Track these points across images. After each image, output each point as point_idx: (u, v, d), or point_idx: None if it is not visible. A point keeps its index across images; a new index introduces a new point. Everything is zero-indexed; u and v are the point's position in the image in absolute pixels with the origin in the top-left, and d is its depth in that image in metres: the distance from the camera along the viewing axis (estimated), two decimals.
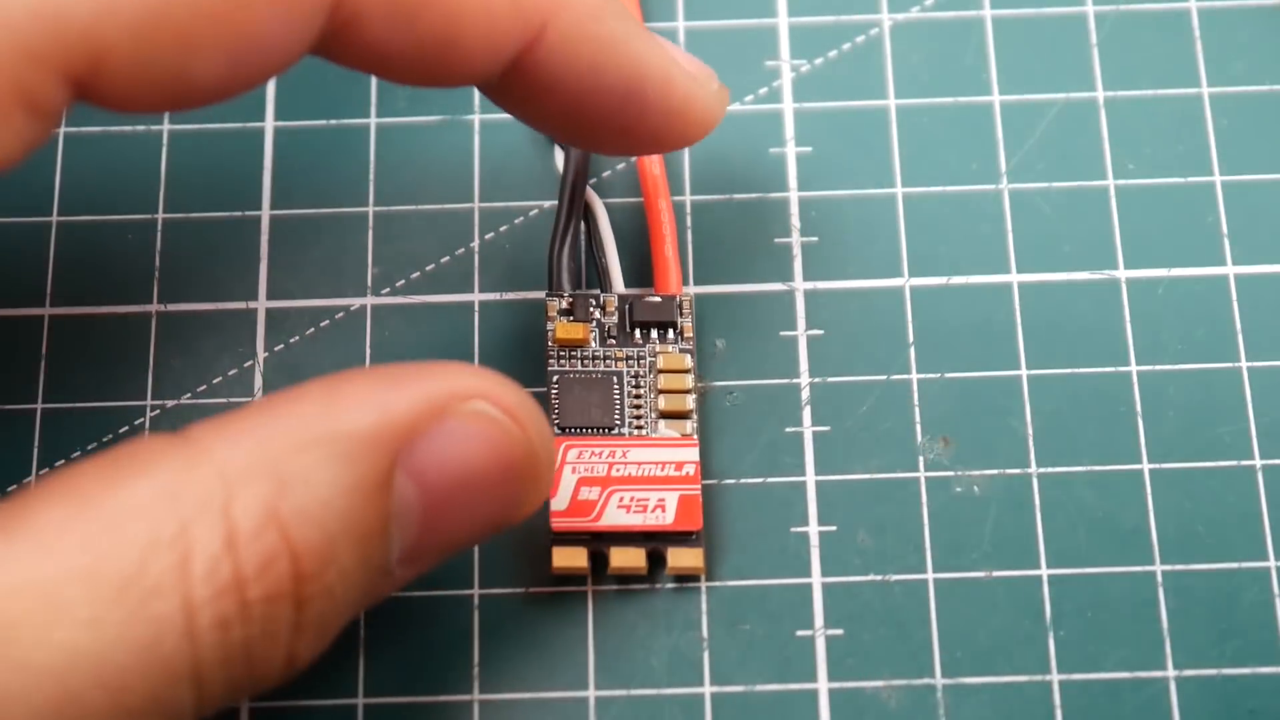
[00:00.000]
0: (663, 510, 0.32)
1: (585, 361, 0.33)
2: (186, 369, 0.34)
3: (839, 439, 0.33)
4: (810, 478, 0.33)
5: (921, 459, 0.33)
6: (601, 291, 0.34)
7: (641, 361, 0.33)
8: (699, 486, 0.32)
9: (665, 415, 0.33)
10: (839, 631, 0.32)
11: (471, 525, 0.27)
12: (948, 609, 0.32)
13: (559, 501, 0.32)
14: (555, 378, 0.33)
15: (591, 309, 0.33)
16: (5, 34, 0.25)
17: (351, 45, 0.28)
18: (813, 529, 0.33)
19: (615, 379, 0.33)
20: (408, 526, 0.26)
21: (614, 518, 0.32)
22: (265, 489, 0.25)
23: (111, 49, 0.25)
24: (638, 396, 0.33)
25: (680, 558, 0.32)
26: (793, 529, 0.33)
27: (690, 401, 0.33)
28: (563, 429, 0.32)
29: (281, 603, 0.24)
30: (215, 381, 0.34)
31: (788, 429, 0.33)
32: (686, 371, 0.33)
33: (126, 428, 0.33)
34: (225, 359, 0.34)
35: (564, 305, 0.33)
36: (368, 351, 0.34)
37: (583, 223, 0.34)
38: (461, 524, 0.27)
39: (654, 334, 0.33)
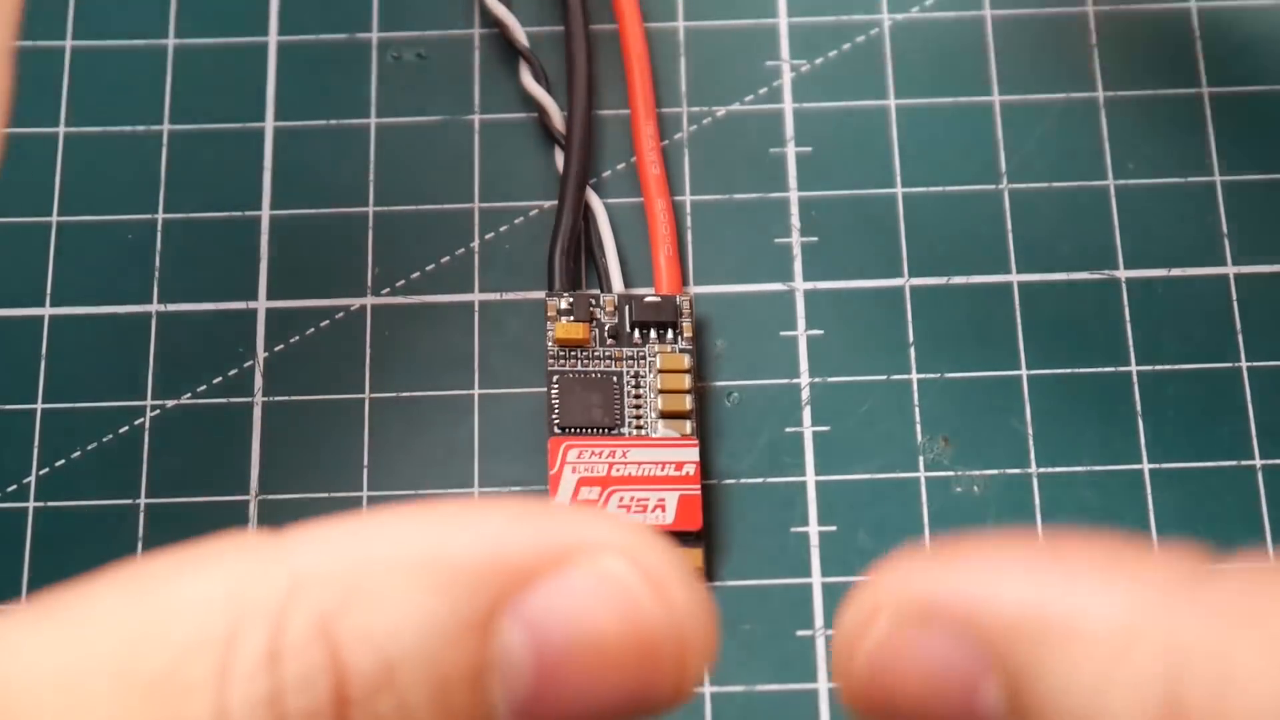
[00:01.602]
0: (663, 510, 0.32)
1: (585, 361, 0.33)
2: (186, 369, 0.34)
3: (839, 439, 0.33)
4: (810, 478, 0.33)
5: (921, 459, 0.33)
6: (601, 291, 0.34)
7: (641, 361, 0.33)
8: (699, 486, 0.32)
9: (665, 415, 0.33)
10: None
11: (600, 701, 0.23)
12: None
13: (559, 501, 0.32)
14: (555, 378, 0.33)
15: (591, 309, 0.33)
16: None
17: None
18: (813, 529, 0.33)
19: (615, 379, 0.33)
20: (516, 679, 0.22)
21: None
22: (327, 599, 0.23)
23: None
24: (638, 396, 0.33)
25: (680, 558, 0.32)
26: (793, 529, 0.33)
27: (690, 401, 0.33)
28: (563, 429, 0.32)
29: None
30: (215, 381, 0.34)
31: (788, 429, 0.33)
32: (686, 371, 0.33)
33: (126, 428, 0.33)
34: (225, 359, 0.34)
35: (564, 305, 0.33)
36: (368, 352, 0.34)
37: (583, 223, 0.34)
38: (588, 695, 0.23)
39: (654, 334, 0.33)
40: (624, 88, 0.36)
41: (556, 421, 0.32)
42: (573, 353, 0.33)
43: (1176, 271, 0.35)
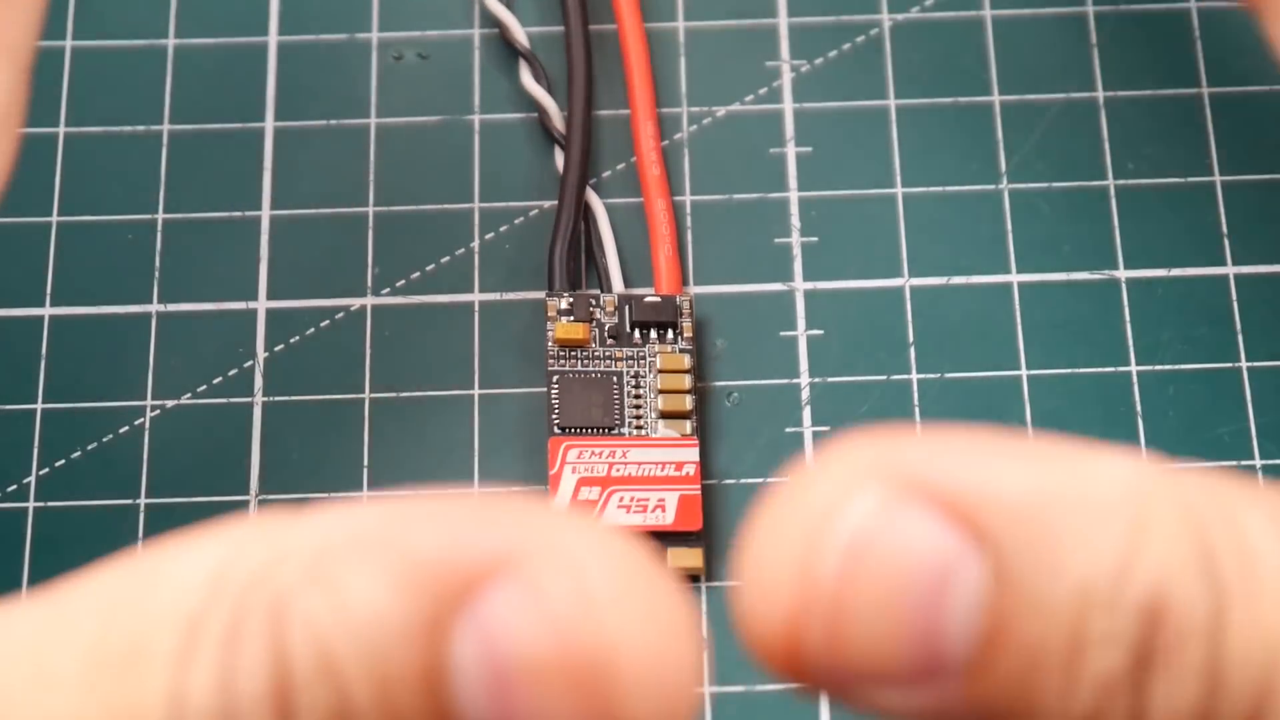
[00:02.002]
0: (663, 510, 0.32)
1: (585, 361, 0.33)
2: (186, 369, 0.34)
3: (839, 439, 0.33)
4: None
5: None
6: (601, 291, 0.34)
7: (641, 361, 0.33)
8: (699, 486, 0.32)
9: (665, 415, 0.33)
10: None
11: None
12: None
13: (559, 501, 0.32)
14: (555, 378, 0.33)
15: (591, 309, 0.33)
16: None
17: None
18: None
19: (615, 379, 0.33)
20: (473, 694, 0.20)
21: (614, 518, 0.32)
22: (290, 580, 0.23)
23: None
24: (638, 396, 0.33)
25: (680, 558, 0.32)
26: None
27: (690, 402, 0.33)
28: (563, 429, 0.32)
29: (263, 707, 0.21)
30: (215, 381, 0.34)
31: (788, 429, 0.33)
32: (686, 372, 0.33)
33: (126, 428, 0.33)
34: (225, 359, 0.34)
35: (564, 305, 0.33)
36: (368, 352, 0.34)
37: (583, 223, 0.34)
38: (543, 716, 0.20)
39: (654, 334, 0.33)
40: (624, 88, 0.36)
41: (556, 421, 0.32)
42: (573, 353, 0.33)
43: (1176, 271, 0.35)
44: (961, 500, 0.20)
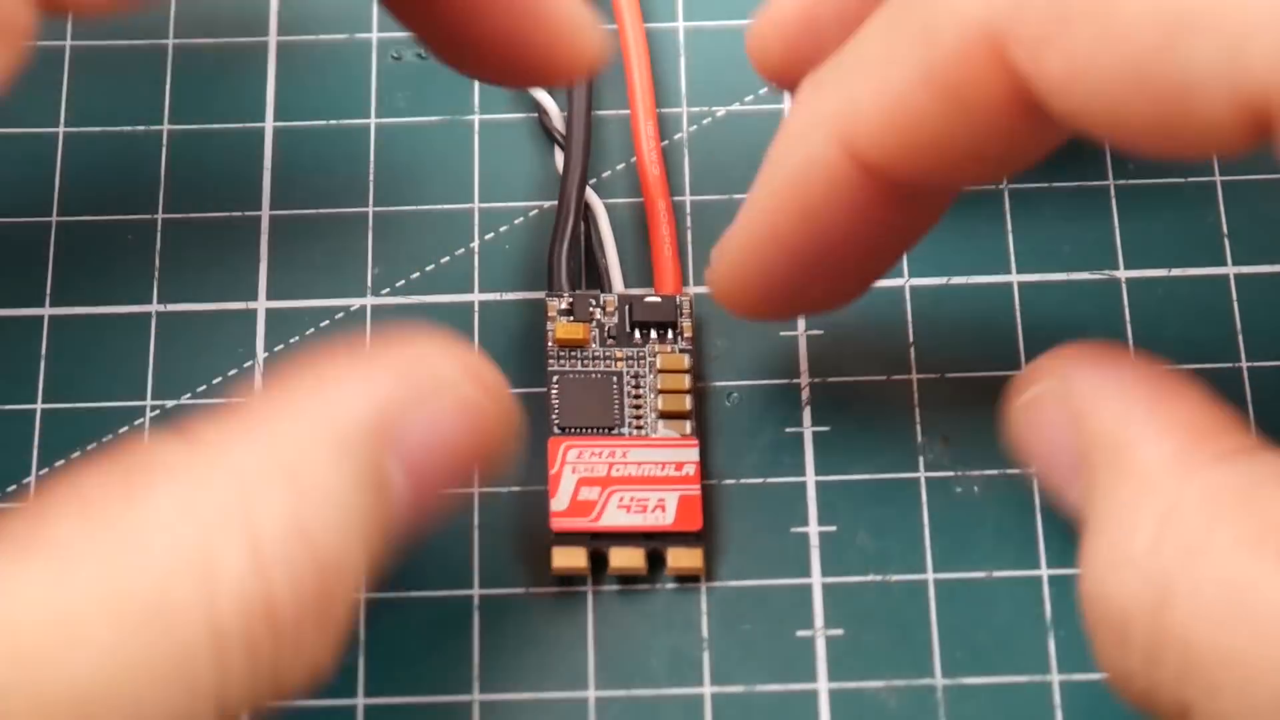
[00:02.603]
0: (663, 510, 0.32)
1: (585, 361, 0.33)
2: (186, 369, 0.34)
3: (839, 439, 0.33)
4: (810, 478, 0.33)
5: (921, 459, 0.33)
6: (601, 292, 0.34)
7: (641, 361, 0.33)
8: (699, 487, 0.32)
9: (665, 415, 0.33)
10: (839, 632, 0.32)
11: (442, 498, 0.27)
12: (948, 609, 0.32)
13: (559, 502, 0.32)
14: (555, 378, 0.33)
15: (591, 309, 0.33)
16: None
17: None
18: (813, 529, 0.33)
19: (615, 379, 0.33)
20: (398, 512, 0.26)
21: (614, 518, 0.32)
22: (285, 496, 0.24)
23: None
24: (637, 397, 0.33)
25: (680, 558, 0.32)
26: (793, 529, 0.33)
27: (689, 402, 0.33)
28: (563, 429, 0.32)
29: (311, 619, 0.23)
30: (215, 381, 0.34)
31: (788, 429, 0.33)
32: (686, 372, 0.33)
33: (126, 428, 0.33)
34: (225, 359, 0.34)
35: (564, 305, 0.33)
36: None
37: (583, 223, 0.34)
38: (437, 498, 0.27)
39: (654, 334, 0.33)
40: (624, 88, 0.36)
41: (556, 421, 0.32)
42: (573, 353, 0.33)
43: (1176, 271, 0.35)
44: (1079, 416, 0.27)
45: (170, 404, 0.34)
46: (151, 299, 0.34)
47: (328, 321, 0.34)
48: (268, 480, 0.24)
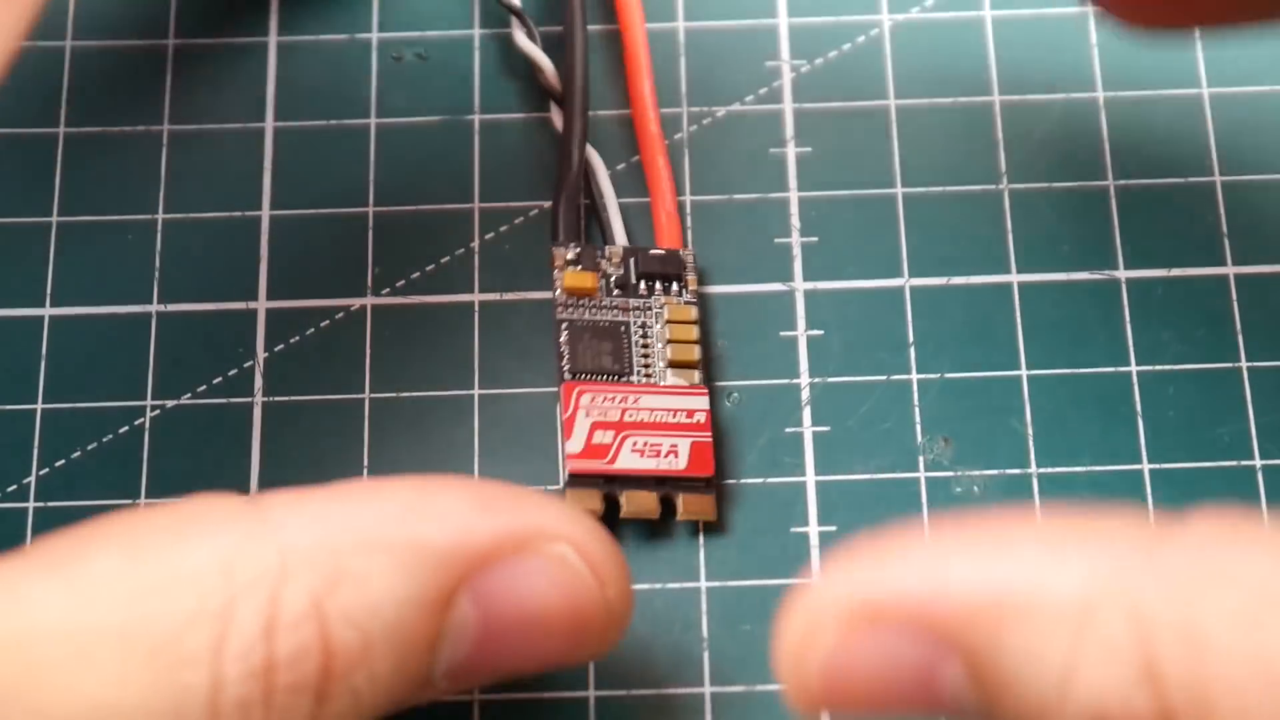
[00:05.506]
0: (675, 455, 0.32)
1: (593, 311, 0.33)
2: (186, 369, 0.34)
3: (839, 439, 0.33)
4: (810, 478, 0.33)
5: (921, 459, 0.33)
6: (605, 244, 0.34)
7: (649, 312, 0.33)
8: (710, 434, 0.32)
9: (674, 365, 0.33)
10: None
11: (527, 659, 0.27)
12: None
13: (574, 444, 0.32)
14: (564, 324, 0.33)
15: (598, 259, 0.33)
16: None
17: None
18: (813, 529, 0.33)
19: (623, 328, 0.33)
20: (460, 645, 0.26)
21: (628, 461, 0.32)
22: (317, 580, 0.24)
23: None
24: (645, 346, 0.33)
25: (692, 504, 0.32)
26: (793, 529, 0.33)
27: (698, 352, 0.33)
28: (574, 375, 0.32)
29: (304, 695, 0.24)
30: (215, 381, 0.34)
31: (788, 429, 0.33)
32: (694, 323, 0.33)
33: (126, 428, 0.33)
34: (225, 359, 0.34)
35: (571, 255, 0.33)
36: (368, 351, 0.34)
37: (583, 180, 0.34)
38: (517, 656, 0.26)
39: (659, 286, 0.33)
40: (624, 87, 0.36)
41: (567, 368, 0.32)
42: (580, 302, 0.33)
43: (1176, 271, 0.35)
44: (919, 612, 0.23)
45: (170, 404, 0.34)
46: (151, 299, 0.34)
47: (328, 321, 0.34)
48: (310, 562, 0.24)
